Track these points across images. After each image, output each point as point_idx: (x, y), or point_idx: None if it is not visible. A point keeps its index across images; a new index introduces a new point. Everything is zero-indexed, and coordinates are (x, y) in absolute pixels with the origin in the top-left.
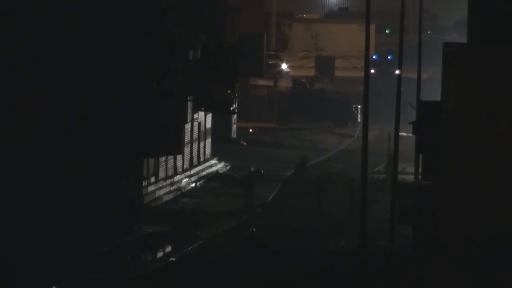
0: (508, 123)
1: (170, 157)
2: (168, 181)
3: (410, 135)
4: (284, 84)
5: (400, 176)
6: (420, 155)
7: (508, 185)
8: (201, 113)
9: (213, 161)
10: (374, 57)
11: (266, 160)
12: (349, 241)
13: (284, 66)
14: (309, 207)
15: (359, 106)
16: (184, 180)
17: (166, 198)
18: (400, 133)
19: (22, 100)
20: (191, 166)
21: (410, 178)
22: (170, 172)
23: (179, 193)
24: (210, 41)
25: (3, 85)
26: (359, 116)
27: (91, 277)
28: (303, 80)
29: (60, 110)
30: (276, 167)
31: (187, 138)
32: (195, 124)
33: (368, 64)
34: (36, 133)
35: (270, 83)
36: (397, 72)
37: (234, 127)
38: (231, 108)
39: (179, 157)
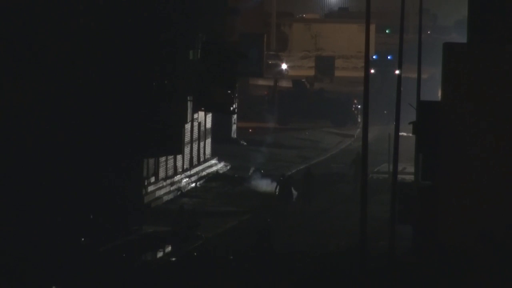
0: (507, 122)
1: (170, 157)
2: (168, 181)
3: (410, 135)
4: (284, 84)
5: (400, 176)
6: (420, 155)
7: (507, 185)
8: (201, 113)
9: (213, 161)
10: (374, 57)
11: (266, 160)
12: (349, 241)
13: (284, 66)
14: (311, 207)
15: (359, 106)
16: (184, 180)
17: (166, 198)
18: (400, 133)
19: (22, 100)
20: (191, 166)
21: (410, 178)
22: (170, 172)
23: (179, 193)
24: (210, 41)
25: (4, 85)
26: (359, 116)
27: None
28: (303, 80)
29: (60, 110)
30: (277, 167)
31: (187, 138)
32: (195, 124)
33: (368, 64)
34: (36, 133)
35: (270, 83)
36: (397, 72)
37: (234, 127)
38: (231, 108)
39: (179, 157)
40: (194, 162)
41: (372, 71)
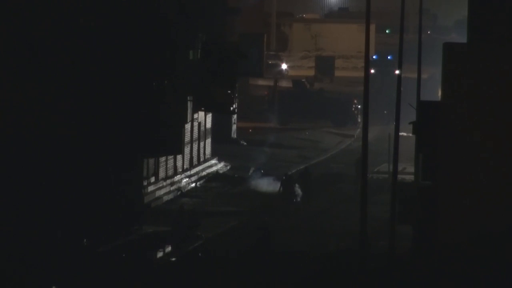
0: (507, 122)
1: (170, 157)
2: (168, 181)
3: (410, 135)
4: (284, 84)
5: (400, 176)
6: (420, 155)
7: (507, 185)
8: (201, 113)
9: (213, 161)
10: (374, 57)
11: (266, 160)
12: (349, 241)
13: (284, 66)
14: (311, 207)
15: (359, 106)
16: (184, 180)
17: (166, 198)
18: (400, 133)
19: (22, 100)
20: (191, 166)
21: (410, 178)
22: (170, 172)
23: (179, 193)
24: (210, 41)
25: (4, 85)
26: (359, 116)
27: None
28: (303, 80)
29: (60, 110)
30: (277, 167)
31: (187, 138)
32: (195, 124)
33: (368, 64)
34: (36, 133)
35: (270, 83)
36: (397, 72)
37: (234, 127)
38: (231, 108)
39: (179, 157)
40: (194, 162)
41: (372, 71)
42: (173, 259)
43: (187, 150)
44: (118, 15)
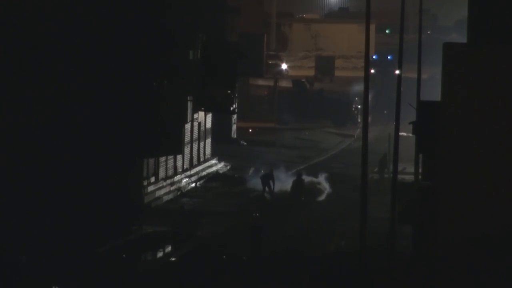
0: (507, 123)
1: (170, 157)
2: (168, 181)
3: (410, 135)
4: (284, 84)
5: (400, 176)
6: (420, 155)
7: (507, 185)
8: (201, 113)
9: (213, 161)
10: (374, 57)
11: (266, 160)
12: (350, 241)
13: (284, 66)
14: (310, 207)
15: (359, 106)
16: (184, 180)
17: (166, 198)
18: (400, 133)
19: (23, 100)
20: (191, 166)
21: (410, 178)
22: (170, 172)
23: (179, 193)
24: (210, 41)
25: (5, 85)
26: (359, 116)
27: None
28: (303, 80)
29: (60, 110)
30: (277, 167)
31: (187, 138)
32: (195, 124)
33: (368, 64)
34: (36, 133)
35: (270, 83)
36: (397, 72)
37: (234, 127)
38: (231, 108)
39: (179, 157)
40: (194, 162)
41: (372, 71)
42: (173, 259)
43: (187, 150)
44: (118, 15)
